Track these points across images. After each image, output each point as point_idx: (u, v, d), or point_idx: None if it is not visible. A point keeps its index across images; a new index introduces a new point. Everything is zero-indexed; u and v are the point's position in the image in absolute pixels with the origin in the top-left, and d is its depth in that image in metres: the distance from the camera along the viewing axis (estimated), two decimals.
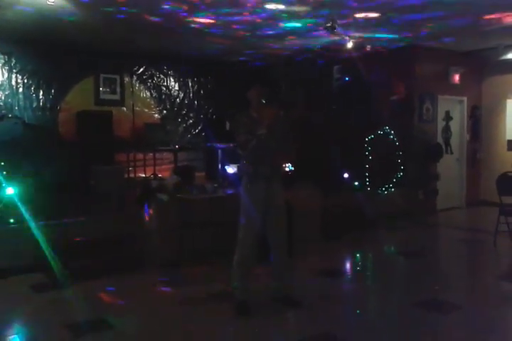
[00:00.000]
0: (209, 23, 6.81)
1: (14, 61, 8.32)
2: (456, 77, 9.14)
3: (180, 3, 5.84)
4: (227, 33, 7.45)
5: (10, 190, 5.68)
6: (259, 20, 6.71)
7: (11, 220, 5.44)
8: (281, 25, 6.95)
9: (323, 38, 7.76)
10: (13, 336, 3.84)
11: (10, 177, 5.93)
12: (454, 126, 9.44)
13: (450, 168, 9.37)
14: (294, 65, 10.09)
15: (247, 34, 7.57)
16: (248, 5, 5.93)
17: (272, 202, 4.19)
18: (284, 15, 6.41)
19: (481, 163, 9.77)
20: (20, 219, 5.37)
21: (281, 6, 6.05)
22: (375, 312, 4.44)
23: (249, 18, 6.52)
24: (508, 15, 6.40)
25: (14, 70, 8.33)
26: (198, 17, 6.51)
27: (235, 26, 7.05)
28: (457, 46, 8.67)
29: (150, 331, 3.86)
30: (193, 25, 6.96)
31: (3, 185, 5.80)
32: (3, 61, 8.23)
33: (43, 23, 6.78)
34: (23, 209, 5.40)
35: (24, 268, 5.08)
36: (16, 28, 7.13)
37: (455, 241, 7.14)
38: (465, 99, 9.52)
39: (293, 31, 7.37)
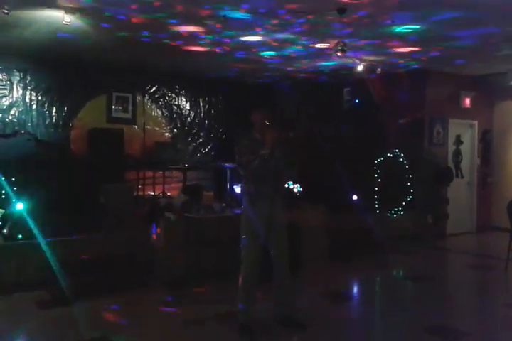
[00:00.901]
0: (222, 45, 6.92)
1: (29, 78, 8.45)
2: (467, 101, 9.15)
3: (196, 26, 5.95)
4: (238, 56, 7.55)
5: (20, 206, 5.70)
6: (275, 44, 6.80)
7: (19, 236, 5.45)
8: (291, 48, 7.04)
9: (334, 61, 7.83)
10: None
11: (20, 193, 5.96)
12: (465, 149, 9.40)
13: (460, 192, 9.30)
14: (303, 86, 10.16)
15: (260, 57, 7.66)
16: (257, 29, 6.04)
17: (274, 221, 4.19)
18: (293, 38, 6.50)
19: (492, 188, 9.70)
20: (28, 235, 5.38)
21: (291, 36, 6.19)
22: (383, 337, 4.36)
23: (262, 40, 6.60)
24: None
25: (29, 87, 8.45)
26: (211, 39, 6.62)
27: (244, 50, 7.15)
28: (468, 70, 8.71)
29: None
30: (204, 48, 7.07)
31: (13, 200, 5.84)
32: (18, 78, 8.36)
33: (59, 42, 6.90)
34: (31, 225, 5.41)
35: (29, 285, 5.07)
36: (31, 46, 7.27)
37: (464, 266, 7.05)
38: (476, 123, 9.51)
39: (304, 54, 7.44)
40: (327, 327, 4.38)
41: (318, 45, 6.87)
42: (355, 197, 7.83)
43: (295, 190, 7.44)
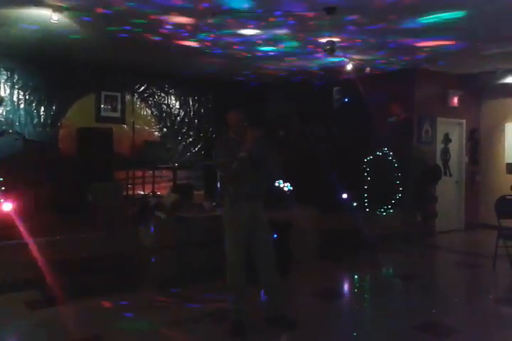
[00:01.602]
0: (209, 43, 6.90)
1: (16, 77, 8.37)
2: (455, 100, 9.22)
3: (182, 24, 5.92)
4: (226, 53, 7.53)
5: (8, 206, 5.66)
6: (259, 42, 6.80)
7: (8, 236, 5.40)
8: (281, 46, 7.04)
9: (323, 60, 7.85)
10: None
11: (8, 193, 5.91)
12: (453, 148, 9.49)
13: (449, 191, 9.38)
14: (293, 85, 10.19)
15: (248, 55, 7.65)
16: (250, 26, 6.02)
17: (257, 222, 4.20)
18: (284, 37, 6.49)
19: (480, 186, 9.79)
20: (17, 236, 5.34)
21: (283, 31, 6.18)
22: (373, 334, 4.38)
23: (250, 39, 6.60)
24: None
25: (16, 86, 8.38)
26: (198, 38, 6.60)
27: (235, 47, 7.13)
28: (456, 69, 8.78)
29: None
30: (193, 45, 7.04)
31: (1, 200, 5.79)
32: (5, 77, 8.28)
33: (46, 41, 6.85)
34: (20, 226, 5.37)
35: (19, 285, 5.03)
36: (19, 45, 7.20)
37: (453, 264, 7.10)
38: (464, 121, 9.59)
39: (292, 52, 7.45)
40: (317, 325, 4.40)
41: (307, 44, 6.89)
42: (345, 196, 7.86)
43: (285, 189, 7.45)
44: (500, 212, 6.57)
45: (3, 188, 5.89)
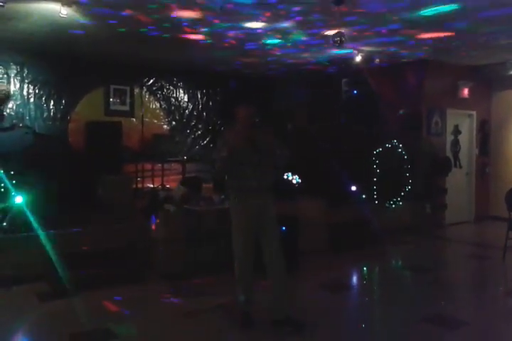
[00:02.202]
0: (220, 36, 6.89)
1: (26, 71, 8.42)
2: (465, 91, 9.14)
3: (189, 17, 5.91)
4: (233, 46, 7.52)
5: (19, 199, 5.71)
6: (273, 34, 6.77)
7: (19, 229, 5.46)
8: (289, 38, 7.01)
9: (332, 51, 7.81)
10: None
11: (19, 186, 5.97)
12: (463, 140, 9.42)
13: (459, 182, 9.33)
14: (302, 78, 10.14)
15: (257, 46, 7.63)
16: (255, 20, 6.01)
17: (263, 215, 4.13)
18: (291, 29, 6.46)
19: (490, 178, 9.72)
20: (27, 228, 5.39)
21: (289, 23, 6.17)
22: (382, 326, 4.39)
23: (260, 31, 6.58)
24: None
25: (26, 80, 8.43)
26: (205, 31, 6.59)
27: (240, 39, 7.12)
28: (466, 61, 8.69)
29: None
30: (201, 39, 7.04)
31: (12, 193, 5.84)
32: (15, 71, 8.33)
33: (55, 35, 6.88)
34: (31, 219, 5.43)
35: (29, 277, 5.09)
36: (28, 39, 7.23)
37: (463, 256, 7.08)
38: (474, 113, 9.51)
39: (301, 44, 7.41)
40: (326, 317, 4.41)
41: (316, 36, 6.85)
42: (353, 189, 7.84)
43: (293, 182, 7.45)
44: (511, 204, 6.53)
45: (13, 182, 5.93)
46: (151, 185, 8.93)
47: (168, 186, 8.65)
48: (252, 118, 4.25)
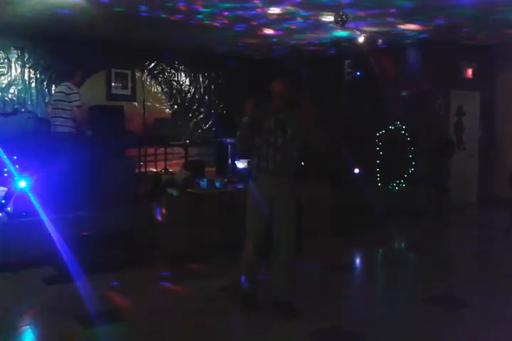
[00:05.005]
0: (220, 18, 6.82)
1: (27, 56, 8.37)
2: (469, 72, 9.05)
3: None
4: (234, 28, 7.44)
5: (22, 184, 5.73)
6: (274, 16, 6.69)
7: (23, 214, 5.49)
8: (292, 20, 6.93)
9: (335, 32, 7.72)
10: (25, 327, 3.88)
11: (22, 171, 5.97)
12: (467, 121, 9.34)
13: (463, 164, 9.28)
14: (304, 59, 10.05)
15: (258, 28, 7.55)
16: (255, 1, 5.94)
17: (279, 200, 3.99)
18: (293, 10, 6.39)
19: (494, 159, 9.67)
20: (32, 213, 5.42)
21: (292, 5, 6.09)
22: (385, 307, 4.41)
23: (261, 12, 6.50)
24: None
25: (27, 65, 8.39)
26: (207, 13, 6.52)
27: (244, 21, 7.04)
28: (470, 40, 8.58)
29: (160, 323, 3.90)
30: (204, 20, 6.97)
31: (16, 178, 5.85)
32: (16, 56, 8.29)
33: (55, 19, 6.82)
34: (35, 203, 5.45)
35: (35, 262, 5.14)
36: (28, 24, 7.18)
37: (466, 237, 7.09)
38: (478, 93, 9.42)
39: (303, 26, 7.34)
40: (329, 299, 4.44)
41: (318, 17, 6.77)
42: (357, 171, 7.83)
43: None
44: None
45: (17, 166, 5.94)
46: (154, 169, 8.94)
47: (171, 170, 8.66)
48: (287, 96, 4.02)
